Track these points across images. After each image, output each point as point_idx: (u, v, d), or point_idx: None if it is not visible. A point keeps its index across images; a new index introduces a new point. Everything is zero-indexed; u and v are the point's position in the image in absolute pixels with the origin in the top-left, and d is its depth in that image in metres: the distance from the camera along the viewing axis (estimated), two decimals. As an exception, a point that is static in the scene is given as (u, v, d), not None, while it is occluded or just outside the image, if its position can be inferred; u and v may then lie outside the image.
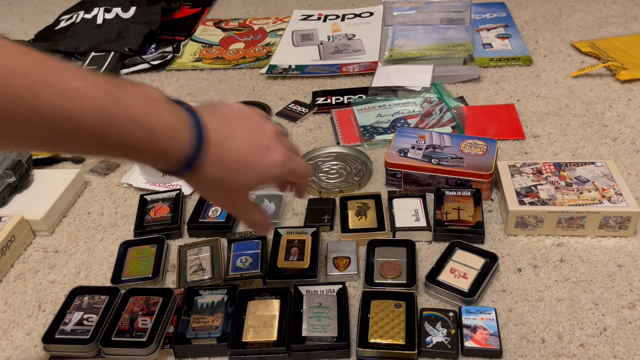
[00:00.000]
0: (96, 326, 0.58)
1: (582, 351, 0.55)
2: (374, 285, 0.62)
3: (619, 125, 0.87)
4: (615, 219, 0.66)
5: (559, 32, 1.17)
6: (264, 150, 0.45)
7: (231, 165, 0.42)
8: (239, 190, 0.45)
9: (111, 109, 0.36)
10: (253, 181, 0.45)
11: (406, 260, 0.65)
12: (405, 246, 0.66)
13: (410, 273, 0.63)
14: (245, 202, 0.48)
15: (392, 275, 0.63)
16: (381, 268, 0.64)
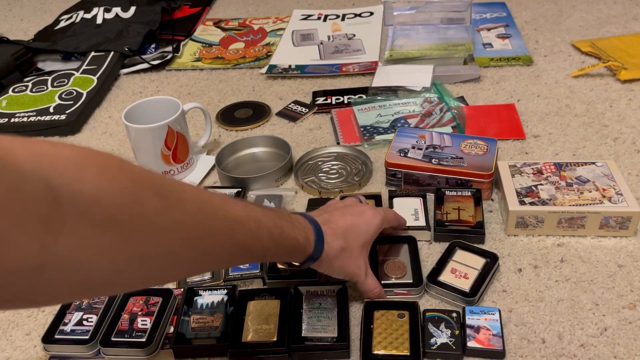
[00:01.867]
0: (96, 326, 0.58)
1: (582, 351, 0.55)
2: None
3: (620, 125, 0.87)
4: (615, 219, 0.66)
5: (559, 32, 1.17)
6: (360, 214, 0.60)
7: (345, 233, 0.57)
8: (356, 248, 0.58)
9: (277, 240, 0.48)
10: (363, 237, 0.58)
11: (409, 258, 0.65)
12: (406, 243, 0.67)
13: (416, 272, 0.63)
14: (364, 262, 0.59)
15: (397, 276, 0.63)
16: (386, 268, 0.64)
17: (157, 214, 0.35)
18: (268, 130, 0.94)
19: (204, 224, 0.40)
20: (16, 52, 1.15)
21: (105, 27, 1.25)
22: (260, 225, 0.46)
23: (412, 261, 0.64)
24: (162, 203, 0.36)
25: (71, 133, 0.97)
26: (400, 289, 0.62)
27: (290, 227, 0.51)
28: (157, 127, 0.77)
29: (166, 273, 0.40)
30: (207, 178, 0.84)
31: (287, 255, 0.53)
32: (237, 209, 0.45)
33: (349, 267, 0.57)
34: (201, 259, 0.41)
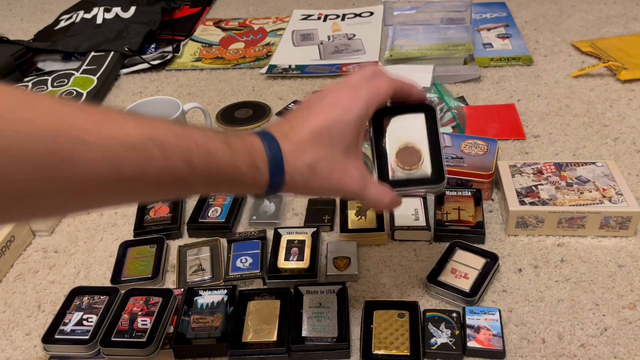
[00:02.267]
0: (96, 326, 0.58)
1: (582, 351, 0.55)
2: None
3: (620, 125, 0.87)
4: (615, 219, 0.66)
5: (559, 32, 1.17)
6: (334, 104, 0.45)
7: (313, 142, 0.44)
8: (337, 158, 0.45)
9: (202, 169, 0.38)
10: (343, 138, 0.44)
11: (427, 137, 0.52)
12: (421, 111, 0.53)
13: (436, 158, 0.51)
14: (357, 171, 0.46)
15: (410, 167, 0.52)
16: (396, 156, 0.52)
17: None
18: (268, 130, 0.94)
19: (54, 148, 0.31)
20: (16, 52, 1.15)
21: (105, 27, 1.25)
22: (168, 150, 0.36)
23: (431, 143, 0.51)
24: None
25: (71, 133, 0.97)
26: (417, 188, 0.51)
27: (226, 151, 0.39)
28: (157, 127, 0.77)
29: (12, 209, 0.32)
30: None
31: (228, 187, 0.43)
32: (127, 129, 0.34)
33: (335, 184, 0.45)
34: (60, 195, 0.33)
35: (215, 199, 0.76)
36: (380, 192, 0.49)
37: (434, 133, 0.52)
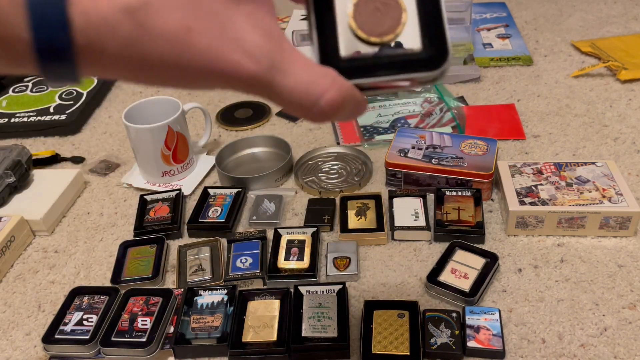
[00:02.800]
0: (96, 326, 0.58)
1: (582, 351, 0.55)
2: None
3: (620, 125, 0.87)
4: (615, 219, 0.66)
5: (559, 32, 1.17)
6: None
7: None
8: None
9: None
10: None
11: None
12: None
13: (431, 25, 0.33)
14: (253, 29, 0.26)
15: (388, 34, 0.32)
16: (357, 13, 0.38)
17: None
18: (268, 130, 0.94)
19: None
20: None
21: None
22: None
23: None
24: None
25: (71, 133, 0.97)
26: (394, 77, 0.31)
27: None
28: (157, 127, 0.77)
29: None
30: (207, 178, 0.84)
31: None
32: None
33: (201, 54, 0.25)
34: None
35: (216, 199, 0.76)
36: (311, 79, 0.27)
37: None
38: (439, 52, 0.31)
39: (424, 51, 0.31)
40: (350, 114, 0.30)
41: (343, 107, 0.29)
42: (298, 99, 0.27)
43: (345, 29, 0.31)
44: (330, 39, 0.31)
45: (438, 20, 0.31)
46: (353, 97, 0.30)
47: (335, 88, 0.28)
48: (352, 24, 0.31)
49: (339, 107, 0.28)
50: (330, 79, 0.28)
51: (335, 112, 0.28)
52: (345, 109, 0.29)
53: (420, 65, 0.31)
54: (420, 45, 0.31)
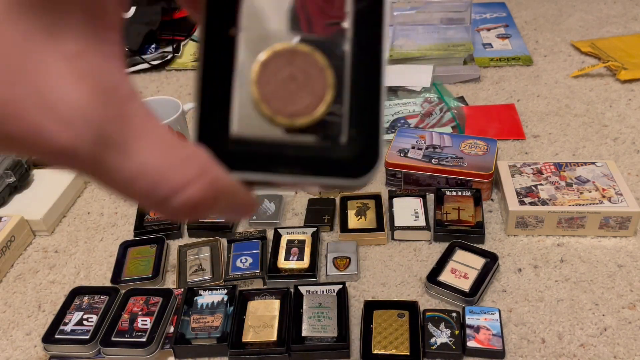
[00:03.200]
0: (96, 326, 0.58)
1: (582, 351, 0.55)
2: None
3: (619, 125, 0.87)
4: (615, 219, 0.66)
5: (559, 32, 1.17)
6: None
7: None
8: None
9: None
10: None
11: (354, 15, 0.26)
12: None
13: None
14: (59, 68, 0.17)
15: (288, 115, 0.36)
16: (263, 75, 0.33)
17: None
18: (268, 130, 0.94)
19: None
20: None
21: (105, 27, 1.24)
22: None
23: (358, 54, 0.23)
24: None
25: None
26: (310, 180, 0.23)
27: None
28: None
29: None
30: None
31: None
32: None
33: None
34: None
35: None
36: (165, 164, 0.18)
37: (371, 33, 0.23)
38: (367, 154, 0.23)
39: (347, 149, 0.22)
40: (228, 216, 0.22)
41: (211, 208, 0.19)
42: (140, 191, 0.18)
43: (243, 97, 0.22)
44: (219, 106, 0.22)
45: (374, 106, 0.22)
46: (231, 197, 0.20)
47: (201, 183, 0.19)
48: (255, 93, 0.21)
49: (203, 208, 0.19)
50: (197, 167, 0.19)
51: (197, 213, 0.19)
52: (214, 210, 0.20)
53: (338, 167, 0.22)
54: (344, 139, 0.22)
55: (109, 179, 0.18)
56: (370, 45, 0.22)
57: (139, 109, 0.18)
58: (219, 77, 0.22)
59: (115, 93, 0.17)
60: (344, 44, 0.22)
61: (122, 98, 0.17)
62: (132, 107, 0.17)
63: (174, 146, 0.18)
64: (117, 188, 0.18)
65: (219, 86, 0.22)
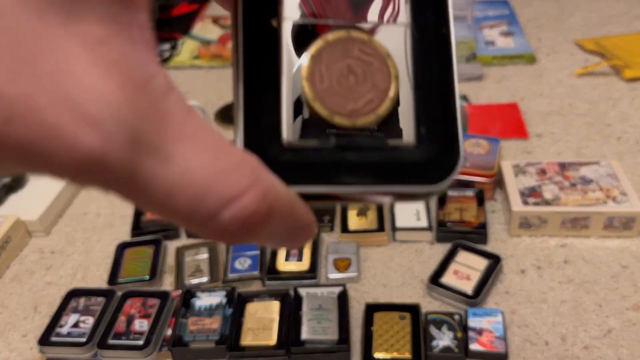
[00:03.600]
0: (93, 328, 0.58)
1: (586, 353, 0.54)
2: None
3: (623, 125, 0.86)
4: (619, 220, 0.65)
5: (562, 30, 1.16)
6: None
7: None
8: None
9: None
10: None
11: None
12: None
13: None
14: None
15: (347, 113, 0.30)
16: (314, 71, 0.26)
17: None
18: (268, 129, 0.93)
19: None
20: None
21: (104, 25, 1.24)
22: None
23: (423, 47, 0.20)
24: None
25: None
26: (380, 189, 0.19)
27: None
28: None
29: None
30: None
31: None
32: None
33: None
34: None
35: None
36: (214, 170, 0.15)
37: (438, 18, 0.20)
38: (445, 154, 0.19)
39: (422, 150, 0.19)
40: (281, 241, 0.18)
41: (265, 227, 0.16)
42: (183, 205, 0.15)
43: (294, 97, 0.19)
44: (266, 110, 0.19)
45: (448, 97, 0.19)
46: (289, 213, 0.17)
47: (255, 192, 0.15)
48: (307, 92, 0.18)
49: (257, 227, 0.15)
50: (250, 174, 0.15)
51: (249, 231, 0.15)
52: (269, 231, 0.16)
53: (413, 172, 0.19)
54: (417, 138, 0.19)
55: (145, 193, 0.14)
56: (436, 26, 0.19)
57: (177, 105, 0.14)
58: (262, 75, 0.18)
59: (148, 86, 0.14)
60: (406, 27, 0.19)
61: (156, 92, 0.14)
62: (169, 103, 0.14)
63: (222, 150, 0.15)
64: (155, 204, 0.14)
65: (264, 86, 0.18)
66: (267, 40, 0.19)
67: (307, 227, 0.18)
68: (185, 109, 0.15)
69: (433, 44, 0.19)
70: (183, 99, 0.15)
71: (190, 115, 0.15)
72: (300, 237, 0.18)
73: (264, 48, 0.19)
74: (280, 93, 0.18)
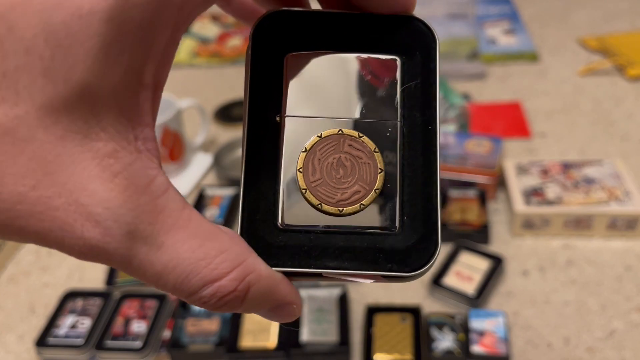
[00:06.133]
0: (90, 330, 0.57)
1: (589, 355, 0.53)
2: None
3: (627, 123, 0.86)
4: (623, 220, 0.64)
5: (565, 28, 1.15)
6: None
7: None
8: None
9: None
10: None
11: (399, 103, 0.27)
12: (401, 49, 0.26)
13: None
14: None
15: (335, 203, 0.31)
16: (308, 164, 0.26)
17: None
18: (268, 128, 0.92)
19: None
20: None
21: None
22: None
23: (411, 142, 0.22)
24: None
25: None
26: (359, 273, 0.21)
27: None
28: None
29: None
30: (204, 177, 0.82)
31: None
32: None
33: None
34: None
35: (213, 199, 0.75)
36: (197, 257, 0.18)
37: (426, 115, 0.22)
38: (424, 244, 0.20)
39: (402, 239, 0.20)
40: (264, 314, 0.20)
41: (243, 303, 0.19)
42: (171, 284, 0.18)
43: (289, 186, 0.21)
44: (264, 196, 0.21)
45: (430, 191, 0.21)
46: (270, 293, 0.19)
47: (235, 275, 0.18)
48: (300, 182, 0.21)
49: (235, 303, 0.18)
50: (233, 259, 0.18)
51: (229, 306, 0.18)
52: (249, 306, 0.19)
53: (392, 259, 0.20)
54: (398, 227, 0.21)
55: (139, 272, 0.18)
56: (424, 123, 0.21)
57: (171, 202, 0.18)
58: (263, 165, 0.21)
59: (148, 189, 0.17)
60: (394, 125, 0.21)
61: (154, 193, 0.17)
62: (164, 201, 0.18)
63: (209, 238, 0.18)
64: (147, 280, 0.18)
65: (264, 175, 0.21)
66: (269, 133, 0.21)
67: (288, 305, 0.20)
68: (180, 204, 0.18)
69: (420, 140, 0.21)
70: (178, 195, 0.18)
71: (184, 208, 0.18)
72: (283, 314, 0.20)
73: (267, 140, 0.21)
74: (277, 181, 0.21)
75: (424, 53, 0.22)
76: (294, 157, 0.21)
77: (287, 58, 0.21)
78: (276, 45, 0.21)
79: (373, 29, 0.22)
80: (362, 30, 0.21)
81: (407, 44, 0.22)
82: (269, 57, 0.21)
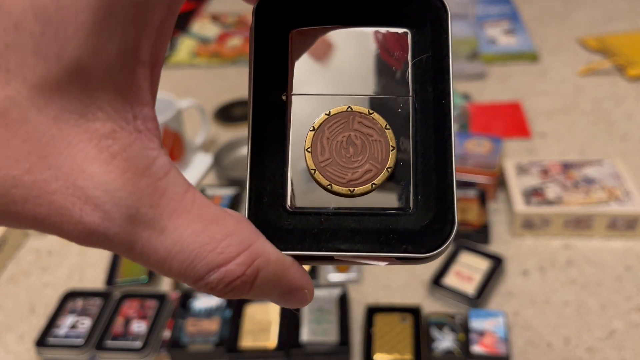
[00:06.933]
0: (90, 330, 0.57)
1: (589, 355, 0.53)
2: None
3: (627, 124, 0.86)
4: (623, 220, 0.64)
5: (565, 28, 1.15)
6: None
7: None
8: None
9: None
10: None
11: (411, 77, 0.26)
12: (411, 22, 0.25)
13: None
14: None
15: (345, 183, 0.29)
16: (316, 144, 0.27)
17: None
18: (268, 128, 0.92)
19: None
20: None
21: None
22: None
23: (422, 118, 0.21)
24: None
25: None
26: (373, 255, 0.20)
27: None
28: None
29: None
30: (204, 177, 0.82)
31: None
32: None
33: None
34: None
35: (212, 199, 0.75)
36: (202, 241, 0.17)
37: (438, 89, 0.20)
38: (439, 223, 0.20)
39: (416, 218, 0.20)
40: (274, 299, 0.19)
41: (252, 288, 0.18)
42: (176, 269, 0.17)
43: (297, 166, 0.20)
44: (271, 178, 0.20)
45: (444, 168, 0.20)
46: (280, 278, 0.19)
47: (242, 259, 0.17)
48: (309, 162, 0.20)
49: (243, 289, 0.18)
50: (240, 243, 0.17)
51: (237, 293, 0.18)
52: (258, 292, 0.18)
53: (406, 240, 0.19)
54: (412, 206, 0.20)
55: (142, 258, 0.17)
56: (437, 98, 0.20)
57: (174, 184, 0.17)
58: (270, 146, 0.20)
59: (148, 170, 0.17)
60: (409, 99, 0.20)
61: (155, 175, 0.17)
62: (166, 183, 0.17)
63: (213, 221, 0.17)
64: (151, 266, 0.17)
65: (271, 156, 0.20)
66: (275, 113, 0.20)
67: (299, 290, 0.19)
68: (183, 186, 0.17)
69: (433, 115, 0.20)
70: (181, 177, 0.17)
71: (188, 191, 0.17)
72: (293, 299, 0.19)
73: (273, 120, 0.20)
74: (285, 162, 0.20)
75: (435, 25, 0.20)
76: (301, 136, 0.20)
77: (292, 34, 0.20)
78: (280, 22, 0.20)
79: (381, 1, 0.20)
80: (370, 3, 0.20)
81: (417, 15, 0.20)
82: (273, 34, 0.20)
